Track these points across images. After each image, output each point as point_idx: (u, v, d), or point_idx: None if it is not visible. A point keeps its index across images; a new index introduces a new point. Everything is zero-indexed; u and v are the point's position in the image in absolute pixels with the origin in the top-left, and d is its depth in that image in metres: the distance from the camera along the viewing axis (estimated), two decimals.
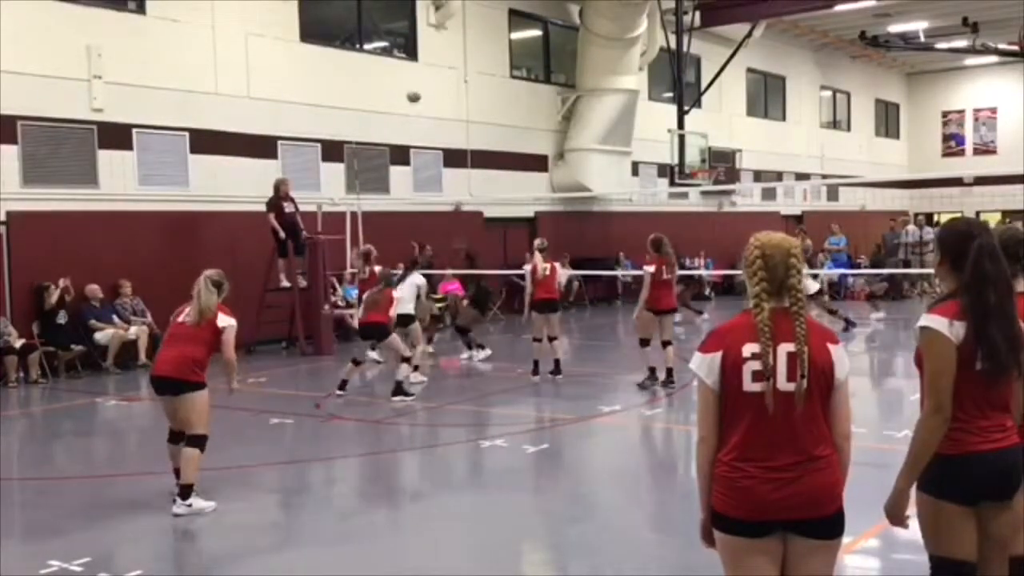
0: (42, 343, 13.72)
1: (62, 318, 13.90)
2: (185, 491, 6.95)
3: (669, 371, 11.72)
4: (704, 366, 3.31)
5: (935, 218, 33.06)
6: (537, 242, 13.43)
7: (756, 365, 3.23)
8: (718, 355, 3.29)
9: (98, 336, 14.26)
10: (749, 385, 3.24)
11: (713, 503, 3.34)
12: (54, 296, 13.79)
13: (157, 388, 7.24)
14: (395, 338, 11.62)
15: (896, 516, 3.65)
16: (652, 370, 11.83)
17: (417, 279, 13.46)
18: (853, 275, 24.86)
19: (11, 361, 13.23)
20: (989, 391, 3.60)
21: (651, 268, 11.66)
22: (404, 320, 12.37)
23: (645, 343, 11.92)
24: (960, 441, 3.55)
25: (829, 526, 3.28)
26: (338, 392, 11.55)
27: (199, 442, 7.02)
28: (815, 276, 17.84)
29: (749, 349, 3.25)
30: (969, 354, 3.54)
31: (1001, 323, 3.57)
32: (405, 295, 12.61)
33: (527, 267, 13.30)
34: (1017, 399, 3.74)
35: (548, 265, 12.92)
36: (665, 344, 11.72)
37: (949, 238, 3.78)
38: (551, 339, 12.84)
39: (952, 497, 3.57)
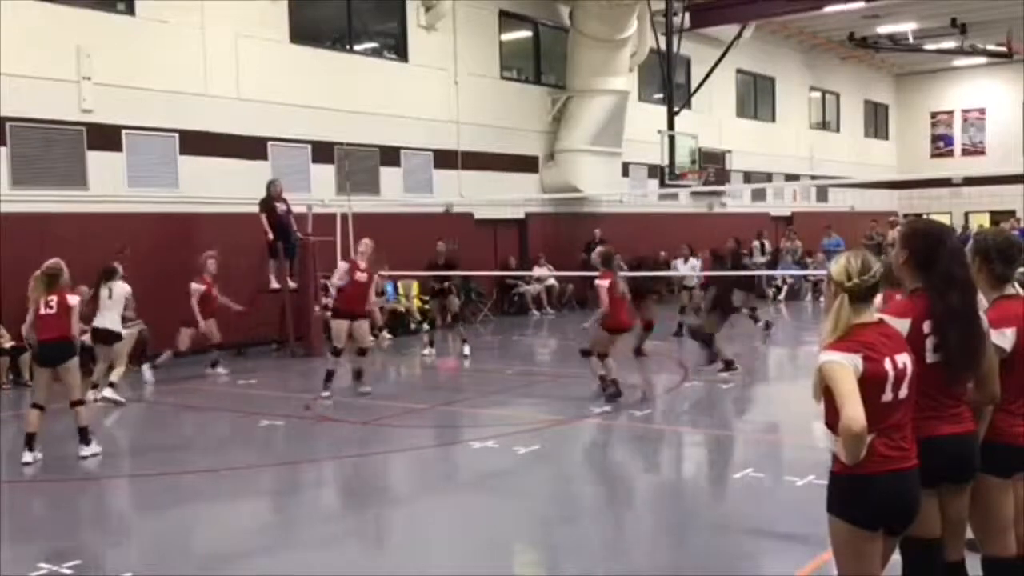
0: (31, 345, 13.65)
1: None
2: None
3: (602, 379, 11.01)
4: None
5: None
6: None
7: None
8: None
9: (84, 338, 14.18)
10: None
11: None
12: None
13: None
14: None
15: None
16: (603, 378, 11.02)
17: (123, 289, 11.81)
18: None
19: (2, 363, 13.18)
20: (944, 383, 3.78)
21: (605, 283, 10.84)
22: (106, 337, 11.51)
23: (587, 354, 11.12)
24: (916, 427, 3.68)
25: None
26: None
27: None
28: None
29: None
30: (919, 348, 3.70)
31: (962, 326, 3.72)
32: (111, 308, 11.54)
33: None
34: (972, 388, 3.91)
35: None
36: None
37: (915, 238, 3.88)
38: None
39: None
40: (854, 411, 3.36)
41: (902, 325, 3.70)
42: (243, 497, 7.77)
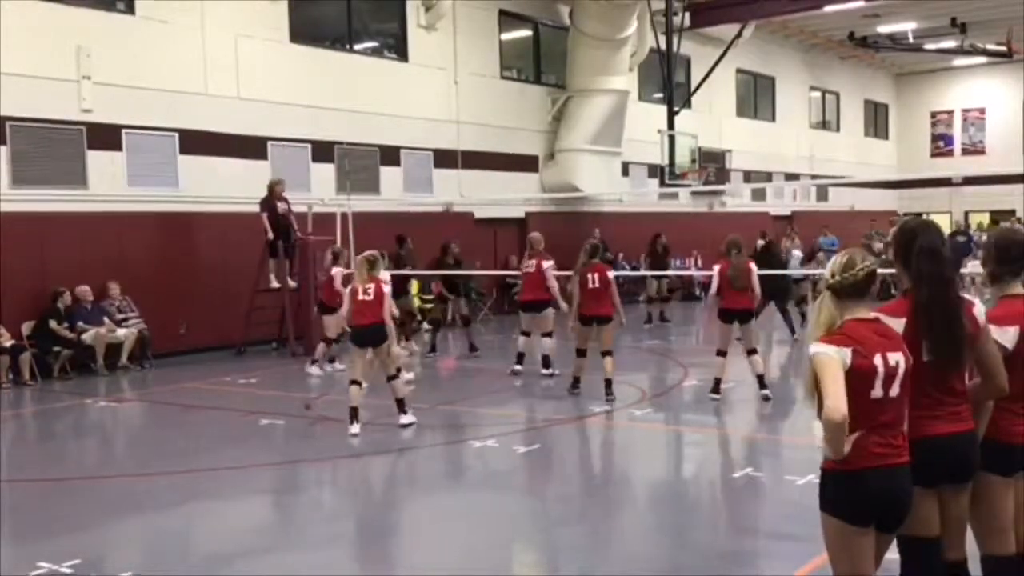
0: (31, 344, 13.67)
1: (55, 324, 13.84)
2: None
3: (608, 382, 10.94)
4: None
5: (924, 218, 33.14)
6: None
7: None
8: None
9: (85, 337, 14.21)
10: None
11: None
12: (67, 299, 13.92)
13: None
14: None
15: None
16: (576, 379, 11.40)
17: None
18: None
19: (3, 362, 13.19)
20: (940, 380, 3.80)
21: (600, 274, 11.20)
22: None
23: (581, 354, 11.28)
24: (915, 426, 3.73)
25: None
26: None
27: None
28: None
29: None
30: (915, 346, 3.73)
31: (934, 318, 3.76)
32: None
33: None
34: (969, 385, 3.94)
35: (533, 262, 12.97)
36: (604, 354, 11.06)
37: (897, 238, 4.01)
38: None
39: (915, 480, 3.70)
40: (835, 402, 3.41)
41: (898, 324, 3.75)
42: (244, 496, 7.77)
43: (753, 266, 10.95)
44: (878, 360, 3.54)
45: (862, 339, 3.56)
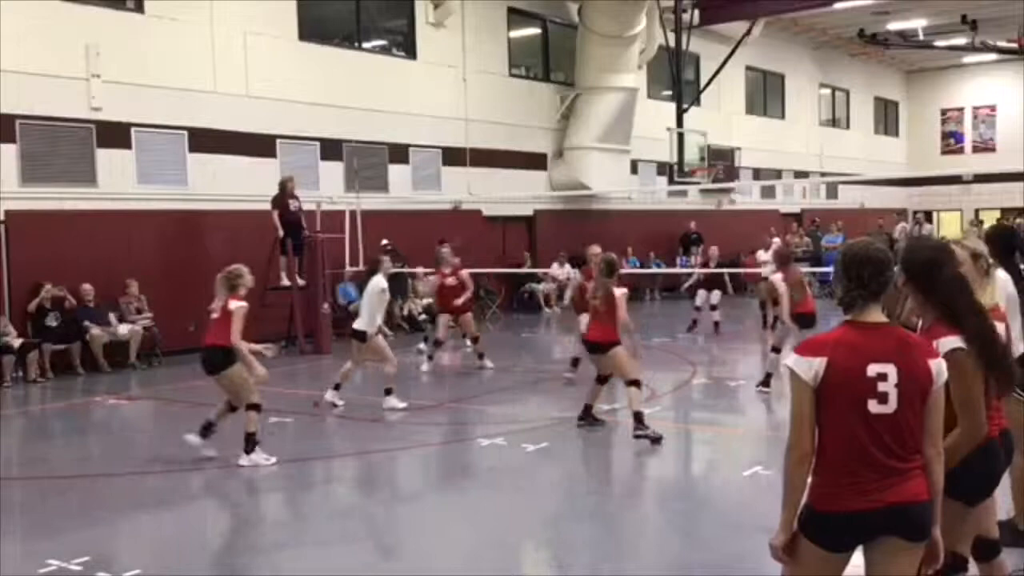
0: (36, 343, 13.69)
1: (52, 320, 13.83)
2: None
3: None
4: None
5: (935, 216, 33.11)
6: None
7: None
8: None
9: (88, 336, 14.21)
10: None
11: None
12: (42, 296, 13.78)
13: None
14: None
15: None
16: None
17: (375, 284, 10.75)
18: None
19: (8, 361, 13.20)
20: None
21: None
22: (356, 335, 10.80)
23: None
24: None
25: None
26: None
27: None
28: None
29: None
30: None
31: (997, 350, 3.63)
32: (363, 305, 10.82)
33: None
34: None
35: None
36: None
37: (913, 265, 3.65)
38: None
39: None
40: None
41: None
42: (252, 493, 7.78)
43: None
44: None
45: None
